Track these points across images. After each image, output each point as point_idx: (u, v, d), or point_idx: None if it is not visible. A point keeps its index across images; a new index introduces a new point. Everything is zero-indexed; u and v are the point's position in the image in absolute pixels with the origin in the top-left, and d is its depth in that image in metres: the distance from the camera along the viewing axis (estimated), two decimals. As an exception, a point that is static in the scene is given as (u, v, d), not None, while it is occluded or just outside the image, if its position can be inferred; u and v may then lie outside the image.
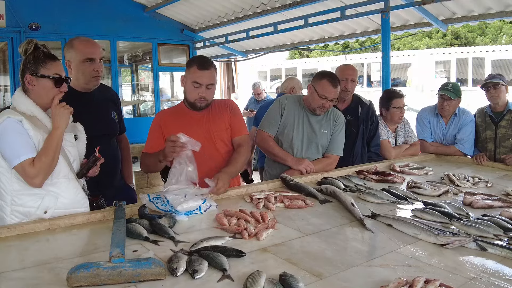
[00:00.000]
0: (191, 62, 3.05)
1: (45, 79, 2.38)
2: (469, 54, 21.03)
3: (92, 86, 3.13)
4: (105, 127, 3.26)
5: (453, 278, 1.75)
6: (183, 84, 3.10)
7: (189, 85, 3.03)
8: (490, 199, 2.84)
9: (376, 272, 1.82)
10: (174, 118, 3.14)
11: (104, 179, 2.96)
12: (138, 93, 10.71)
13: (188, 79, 3.03)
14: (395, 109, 4.36)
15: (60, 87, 2.42)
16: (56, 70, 2.41)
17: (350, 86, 4.09)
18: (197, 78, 2.98)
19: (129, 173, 3.69)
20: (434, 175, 3.70)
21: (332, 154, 3.71)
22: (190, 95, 3.05)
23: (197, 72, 2.98)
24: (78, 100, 2.93)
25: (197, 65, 2.99)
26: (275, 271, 1.74)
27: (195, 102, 3.06)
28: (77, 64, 3.04)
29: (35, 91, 2.40)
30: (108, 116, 3.31)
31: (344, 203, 2.67)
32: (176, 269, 1.74)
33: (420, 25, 6.75)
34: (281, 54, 27.59)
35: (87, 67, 3.04)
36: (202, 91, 3.01)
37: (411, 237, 2.20)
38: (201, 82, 2.99)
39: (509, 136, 4.28)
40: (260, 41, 9.67)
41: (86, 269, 1.63)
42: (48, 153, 2.30)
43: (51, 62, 2.41)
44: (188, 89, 3.05)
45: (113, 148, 3.36)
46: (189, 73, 3.02)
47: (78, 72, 3.05)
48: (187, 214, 2.44)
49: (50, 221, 2.31)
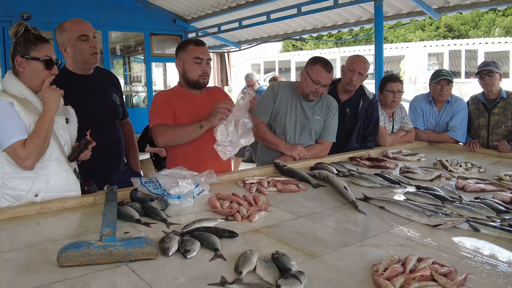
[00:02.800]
0: (186, 43, 3.10)
1: (35, 62, 2.36)
2: (462, 46, 21.07)
3: (92, 64, 3.07)
4: (108, 109, 3.21)
5: (446, 257, 1.75)
6: (180, 67, 3.09)
7: (190, 64, 3.04)
8: (482, 183, 2.85)
9: (368, 251, 1.82)
10: (177, 97, 3.11)
11: (108, 163, 2.99)
12: (131, 84, 10.64)
13: (187, 58, 3.04)
14: (388, 92, 4.36)
15: (51, 70, 2.40)
16: (46, 52, 2.39)
17: (356, 79, 3.95)
18: (198, 54, 3.02)
19: (135, 159, 3.60)
20: (427, 161, 3.71)
21: (325, 140, 3.70)
22: (193, 73, 3.06)
23: (196, 49, 3.04)
24: (80, 83, 2.97)
25: (194, 43, 3.08)
26: (267, 250, 1.73)
27: (198, 79, 3.07)
28: (72, 44, 2.98)
29: (25, 74, 2.37)
30: (110, 99, 3.25)
31: (336, 186, 2.67)
32: (168, 248, 1.73)
33: (413, 14, 6.72)
34: (275, 47, 27.58)
35: (84, 45, 2.98)
36: (204, 66, 3.05)
37: (404, 218, 2.20)
38: (202, 57, 3.03)
39: (502, 123, 4.30)
40: (253, 31, 9.62)
41: (76, 248, 1.62)
42: (39, 135, 2.28)
43: (42, 44, 2.38)
44: (189, 68, 3.05)
45: (117, 131, 3.30)
46: (186, 52, 3.05)
47: (75, 52, 2.99)
48: (179, 197, 2.42)
49: (41, 205, 2.29)
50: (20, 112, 2.29)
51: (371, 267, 1.62)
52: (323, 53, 23.02)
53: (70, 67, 3.06)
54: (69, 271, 1.59)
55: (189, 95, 3.14)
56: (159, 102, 3.09)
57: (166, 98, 3.10)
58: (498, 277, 1.58)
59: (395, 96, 4.35)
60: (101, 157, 2.85)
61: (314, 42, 26.90)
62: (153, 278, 1.54)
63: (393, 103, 4.38)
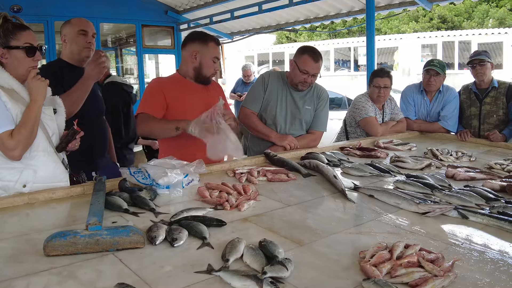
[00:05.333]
0: (206, 38, 3.16)
1: (16, 50, 2.34)
2: (456, 37, 21.13)
3: (84, 56, 3.22)
4: (97, 102, 3.40)
5: (434, 244, 1.75)
6: (196, 59, 3.11)
7: (209, 61, 3.12)
8: (472, 172, 2.85)
9: (356, 238, 1.83)
10: (175, 86, 3.13)
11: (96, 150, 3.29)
12: (123, 76, 10.57)
13: (208, 54, 3.11)
14: (374, 87, 4.37)
15: (33, 57, 2.37)
16: (26, 39, 2.36)
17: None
18: (217, 54, 3.15)
19: (112, 151, 3.81)
20: (418, 150, 3.71)
21: (316, 130, 3.70)
22: (208, 70, 3.15)
23: (217, 48, 3.16)
24: (74, 73, 3.13)
25: (215, 41, 3.18)
26: (255, 238, 1.72)
27: (210, 76, 3.20)
28: (72, 36, 3.19)
29: (9, 64, 2.35)
30: (99, 94, 3.46)
31: (326, 175, 2.67)
32: (155, 237, 1.72)
33: (405, 4, 6.70)
34: (268, 39, 27.50)
35: (81, 39, 3.19)
36: (217, 65, 3.19)
37: (393, 206, 2.21)
38: (219, 57, 3.19)
39: (493, 113, 4.30)
40: (245, 23, 9.58)
41: (62, 237, 1.61)
42: (26, 125, 2.26)
43: (21, 32, 2.36)
44: (207, 64, 3.13)
45: (104, 122, 3.52)
46: (207, 48, 3.11)
47: (72, 43, 3.20)
48: (168, 187, 2.41)
49: (29, 195, 2.28)
50: (7, 103, 2.27)
51: (358, 254, 1.62)
52: (317, 44, 22.99)
53: (66, 58, 3.24)
54: (56, 260, 1.58)
55: (189, 85, 3.16)
56: (154, 91, 3.12)
57: (162, 86, 3.12)
58: (485, 264, 1.59)
59: (380, 92, 4.34)
60: (91, 145, 3.10)
61: (308, 34, 26.89)
62: (139, 267, 1.54)
63: (378, 98, 4.38)
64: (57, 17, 7.61)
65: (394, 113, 4.55)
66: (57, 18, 7.62)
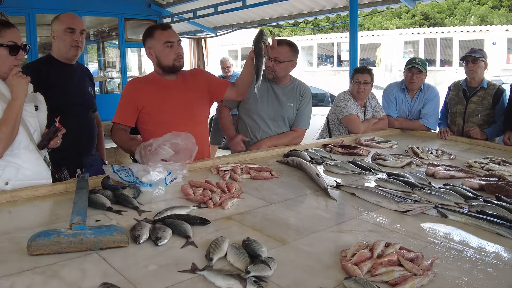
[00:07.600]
0: (151, 30, 3.08)
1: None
2: (438, 34, 21.33)
3: (71, 55, 3.24)
4: (85, 98, 3.41)
5: (414, 243, 1.79)
6: (152, 56, 3.06)
7: (161, 49, 3.01)
8: (452, 170, 2.90)
9: (338, 237, 1.86)
10: (149, 87, 3.09)
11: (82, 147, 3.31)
12: (105, 70, 10.49)
13: (157, 44, 3.01)
14: (355, 83, 4.41)
15: (16, 55, 2.35)
16: (10, 37, 2.33)
17: None
18: (167, 38, 3.00)
19: (102, 149, 3.77)
20: (399, 148, 3.76)
21: (299, 128, 3.70)
22: (167, 58, 3.02)
23: (164, 33, 3.01)
24: (62, 71, 3.20)
25: (160, 28, 3.06)
26: (239, 237, 1.75)
27: (174, 63, 3.04)
28: (59, 33, 3.18)
29: None
30: (87, 89, 3.46)
31: (309, 173, 2.69)
32: (139, 236, 1.73)
33: (388, 1, 6.75)
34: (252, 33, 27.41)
35: (68, 36, 3.18)
36: (176, 48, 3.02)
37: (374, 205, 2.24)
38: (172, 40, 3.01)
39: (478, 112, 4.35)
40: (229, 17, 9.55)
41: (46, 236, 1.61)
42: (8, 123, 2.24)
43: (5, 29, 2.32)
44: (162, 53, 3.02)
45: (91, 119, 3.51)
46: (154, 39, 3.02)
47: (59, 41, 3.20)
48: (151, 185, 2.41)
49: (11, 193, 2.27)
50: (-12, 100, 2.25)
51: (339, 252, 1.65)
52: (300, 39, 23.04)
53: (55, 54, 3.25)
54: (40, 259, 1.58)
55: (163, 82, 3.10)
56: (126, 98, 3.11)
57: (136, 89, 3.09)
58: (464, 262, 1.63)
59: (360, 87, 4.37)
60: (76, 140, 3.13)
61: (292, 29, 26.84)
62: (123, 266, 1.55)
63: (358, 94, 4.41)
64: (39, 10, 7.52)
65: (376, 110, 4.59)
66: (38, 11, 7.52)
